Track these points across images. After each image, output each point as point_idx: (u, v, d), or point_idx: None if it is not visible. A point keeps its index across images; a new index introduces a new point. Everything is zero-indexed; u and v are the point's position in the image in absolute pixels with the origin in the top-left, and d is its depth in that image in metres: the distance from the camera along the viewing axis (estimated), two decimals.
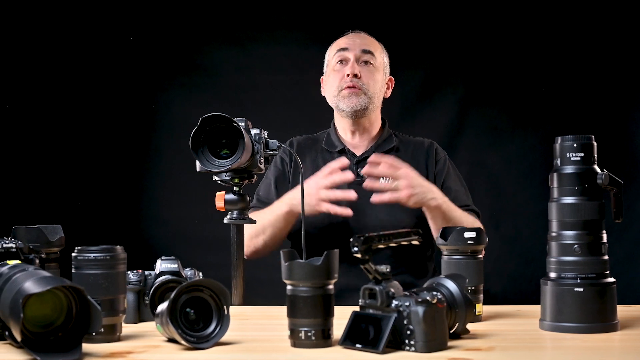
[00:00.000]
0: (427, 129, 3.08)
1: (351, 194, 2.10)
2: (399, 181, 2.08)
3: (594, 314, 1.33)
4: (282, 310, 1.74)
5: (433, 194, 2.15)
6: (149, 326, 1.49)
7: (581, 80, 3.22)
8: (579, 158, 1.37)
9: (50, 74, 3.26)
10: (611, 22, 3.20)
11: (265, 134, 1.82)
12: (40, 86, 3.26)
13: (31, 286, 1.14)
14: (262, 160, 1.81)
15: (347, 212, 2.09)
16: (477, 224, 2.27)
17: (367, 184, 2.11)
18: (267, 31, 3.39)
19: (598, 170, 1.38)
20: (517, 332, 1.40)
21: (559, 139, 1.40)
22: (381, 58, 2.46)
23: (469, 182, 2.59)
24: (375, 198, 2.09)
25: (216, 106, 3.25)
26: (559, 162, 1.39)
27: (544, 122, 3.27)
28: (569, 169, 1.38)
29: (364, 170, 2.15)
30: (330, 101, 2.45)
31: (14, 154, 3.20)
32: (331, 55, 2.47)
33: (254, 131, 1.80)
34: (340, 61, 2.41)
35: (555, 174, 1.40)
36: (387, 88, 2.51)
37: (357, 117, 2.40)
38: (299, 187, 2.02)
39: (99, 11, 3.30)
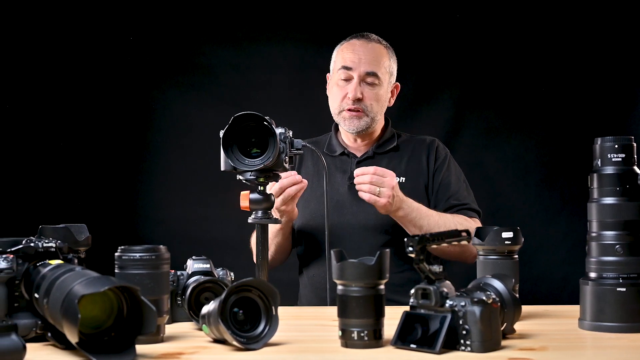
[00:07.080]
0: (424, 130, 3.07)
1: (297, 177, 2.09)
2: (383, 190, 2.10)
3: (635, 314, 1.35)
4: (318, 310, 1.74)
5: (402, 204, 2.16)
6: (185, 327, 1.47)
7: (578, 81, 3.25)
8: (620, 159, 1.38)
9: (49, 73, 3.21)
10: (609, 22, 3.23)
11: (290, 133, 1.80)
12: (39, 86, 3.21)
13: (85, 287, 1.11)
14: (287, 160, 1.79)
15: (302, 185, 2.09)
16: (469, 223, 2.28)
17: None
18: (266, 31, 3.36)
19: (638, 171, 1.39)
20: (560, 332, 1.40)
21: (599, 140, 1.41)
22: (387, 71, 2.40)
23: None
24: (360, 194, 2.13)
25: (215, 106, 3.28)
26: (599, 162, 1.40)
27: (540, 123, 3.30)
28: (610, 170, 1.39)
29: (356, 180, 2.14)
30: (332, 114, 2.44)
31: (11, 154, 3.14)
32: (336, 66, 2.41)
33: (279, 130, 1.77)
34: (344, 79, 2.37)
35: (595, 175, 1.41)
36: (392, 96, 2.48)
37: (359, 134, 2.42)
38: None
39: (98, 11, 3.25)
